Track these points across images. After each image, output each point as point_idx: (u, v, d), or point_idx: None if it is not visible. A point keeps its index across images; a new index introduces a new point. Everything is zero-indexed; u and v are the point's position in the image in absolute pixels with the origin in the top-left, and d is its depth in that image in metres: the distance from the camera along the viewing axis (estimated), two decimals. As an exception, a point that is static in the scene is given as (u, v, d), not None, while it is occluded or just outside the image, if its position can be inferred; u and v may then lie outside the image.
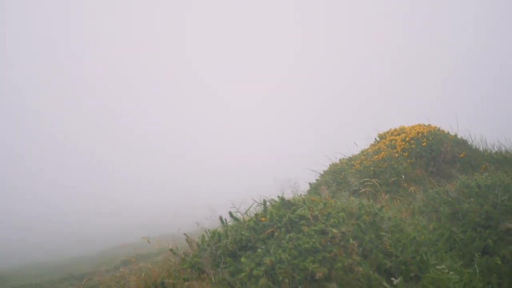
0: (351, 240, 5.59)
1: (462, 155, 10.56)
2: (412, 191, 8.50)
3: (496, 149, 11.24)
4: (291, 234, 5.74)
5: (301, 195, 7.70)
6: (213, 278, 5.62)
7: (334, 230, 5.67)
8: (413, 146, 10.77)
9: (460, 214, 6.96)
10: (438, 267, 5.55)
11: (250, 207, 7.05)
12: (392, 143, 11.14)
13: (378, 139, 12.13)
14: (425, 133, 11.00)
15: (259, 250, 5.72)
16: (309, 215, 6.00)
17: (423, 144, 10.67)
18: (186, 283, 5.68)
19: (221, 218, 6.89)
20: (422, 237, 6.12)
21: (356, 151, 11.98)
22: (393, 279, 5.35)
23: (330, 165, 11.30)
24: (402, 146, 10.85)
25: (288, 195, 6.93)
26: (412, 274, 5.55)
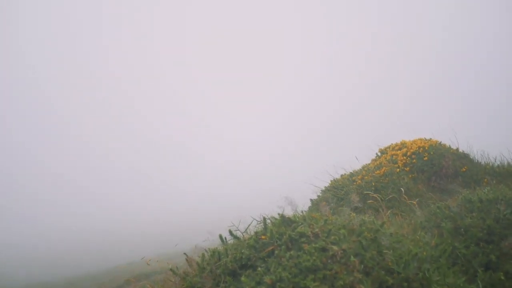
0: (352, 257, 5.52)
1: (464, 169, 10.52)
2: (414, 206, 8.44)
3: (498, 163, 11.21)
4: (292, 252, 5.68)
5: (302, 211, 7.66)
6: (213, 298, 5.57)
7: (335, 248, 5.61)
8: (414, 160, 10.75)
9: (462, 229, 6.88)
10: (440, 284, 5.49)
11: (249, 225, 7.01)
12: (394, 158, 11.12)
13: (379, 154, 12.13)
14: (427, 148, 10.99)
15: (259, 268, 5.65)
16: (310, 233, 5.94)
17: (424, 159, 10.65)
18: (186, 303, 5.63)
19: (221, 237, 6.84)
20: (424, 253, 6.05)
21: (357, 166, 11.97)
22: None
23: (331, 181, 11.28)
24: (404, 161, 10.83)
25: (289, 213, 6.89)
26: (414, 291, 5.48)
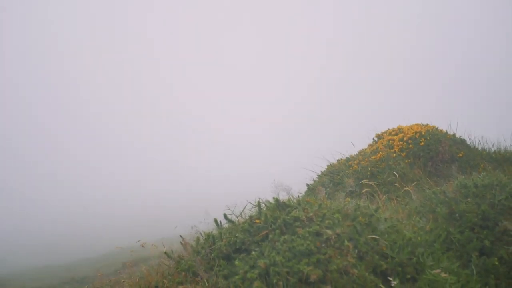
0: (346, 241, 5.52)
1: (461, 155, 10.51)
2: (410, 191, 8.44)
3: (495, 149, 11.19)
4: (286, 236, 5.67)
5: (298, 195, 7.64)
6: (206, 282, 5.56)
7: (329, 232, 5.60)
8: (410, 146, 10.73)
9: (457, 215, 6.88)
10: (434, 269, 5.50)
11: (244, 208, 6.99)
12: (390, 143, 11.09)
13: (376, 139, 12.10)
14: (423, 133, 10.95)
15: (253, 252, 5.65)
16: (304, 217, 5.94)
17: (420, 144, 10.63)
18: (180, 287, 5.63)
19: (216, 221, 6.83)
20: (419, 238, 6.05)
21: (354, 151, 11.95)
22: (390, 279, 5.30)
23: (327, 165, 11.27)
24: (400, 146, 10.81)
25: (284, 197, 6.88)
26: (408, 276, 5.49)
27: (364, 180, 9.18)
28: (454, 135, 11.32)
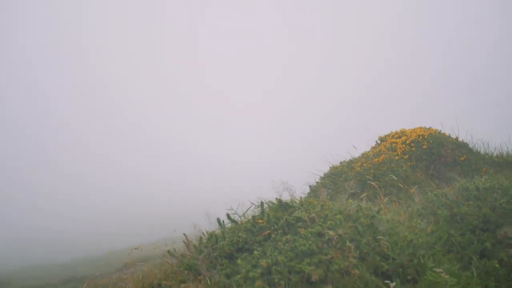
0: (348, 242, 5.56)
1: (463, 158, 10.54)
2: (412, 194, 8.47)
3: (497, 152, 11.21)
4: (288, 236, 5.72)
5: (301, 197, 7.68)
6: (208, 280, 5.61)
7: (331, 232, 5.65)
8: (413, 149, 10.77)
9: (458, 217, 6.92)
10: (435, 270, 5.53)
11: (248, 209, 7.05)
12: (393, 146, 11.14)
13: (379, 141, 12.15)
14: (426, 136, 11.00)
15: (256, 252, 5.70)
16: (306, 217, 5.99)
17: (423, 147, 10.67)
18: (182, 285, 5.68)
19: (218, 220, 6.89)
20: (420, 240, 6.09)
21: (357, 154, 11.99)
22: (389, 282, 5.33)
23: (330, 167, 11.31)
24: (403, 149, 10.85)
25: (286, 198, 6.93)
26: (409, 277, 5.52)
27: (368, 178, 9.23)
28: (456, 138, 11.35)
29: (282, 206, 6.48)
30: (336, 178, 10.31)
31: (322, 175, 11.27)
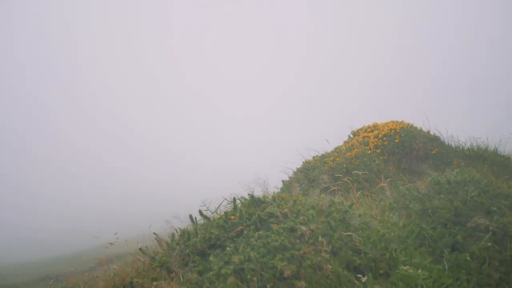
0: (320, 237, 5.56)
1: (435, 152, 10.62)
2: (384, 188, 8.51)
3: (468, 146, 11.33)
4: (260, 232, 5.69)
5: (274, 192, 7.65)
6: (181, 278, 5.55)
7: (303, 228, 5.63)
8: (385, 143, 10.82)
9: (430, 211, 6.97)
10: (407, 264, 5.57)
11: (219, 205, 6.99)
12: (365, 140, 11.17)
13: (351, 136, 12.18)
14: (398, 130, 11.06)
15: (228, 248, 5.66)
16: (279, 213, 5.96)
17: (395, 141, 10.73)
18: (155, 283, 5.61)
19: (191, 217, 6.82)
20: (392, 234, 6.13)
21: (330, 148, 11.99)
22: (361, 276, 5.35)
23: (303, 162, 11.30)
24: (375, 143, 10.89)
25: (259, 193, 6.90)
26: (381, 271, 5.54)
27: (339, 175, 9.24)
28: (428, 132, 11.43)
29: (254, 201, 6.45)
30: (309, 173, 10.30)
31: (295, 170, 11.25)
